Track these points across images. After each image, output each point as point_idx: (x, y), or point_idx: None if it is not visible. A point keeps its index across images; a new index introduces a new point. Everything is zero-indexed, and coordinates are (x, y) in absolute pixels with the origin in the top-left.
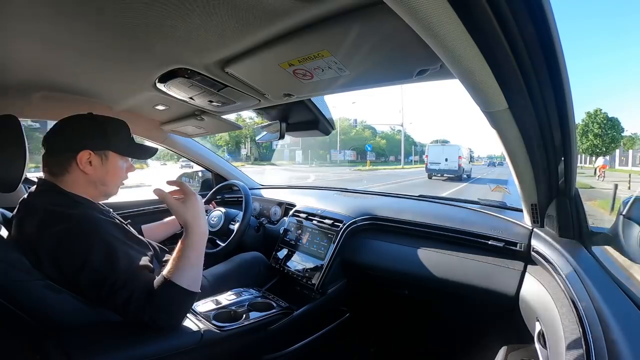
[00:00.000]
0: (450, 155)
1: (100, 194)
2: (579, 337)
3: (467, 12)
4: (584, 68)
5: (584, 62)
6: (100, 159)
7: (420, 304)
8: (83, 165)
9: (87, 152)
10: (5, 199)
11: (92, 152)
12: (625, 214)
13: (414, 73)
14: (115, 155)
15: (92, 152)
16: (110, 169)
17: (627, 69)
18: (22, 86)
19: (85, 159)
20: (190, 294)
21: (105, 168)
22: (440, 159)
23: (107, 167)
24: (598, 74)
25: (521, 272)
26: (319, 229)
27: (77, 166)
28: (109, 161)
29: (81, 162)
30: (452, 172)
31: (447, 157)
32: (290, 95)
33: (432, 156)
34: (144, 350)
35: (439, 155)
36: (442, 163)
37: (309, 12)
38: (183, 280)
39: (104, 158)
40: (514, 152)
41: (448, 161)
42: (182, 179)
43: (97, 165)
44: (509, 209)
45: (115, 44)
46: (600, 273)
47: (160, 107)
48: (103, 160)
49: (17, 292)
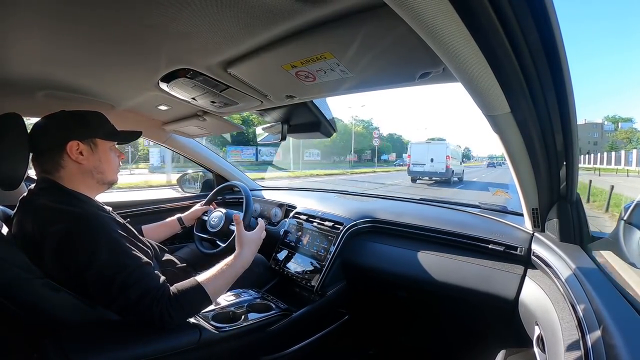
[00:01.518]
0: (437, 155)
1: (99, 184)
2: (577, 342)
3: (470, 16)
4: (586, 70)
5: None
6: (89, 147)
7: (420, 306)
8: (75, 156)
9: (75, 142)
10: (7, 196)
11: (79, 142)
12: (626, 219)
13: (417, 76)
14: (102, 141)
15: (79, 142)
16: (102, 156)
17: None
18: (25, 84)
19: (75, 149)
20: (208, 302)
21: (97, 155)
22: (424, 159)
23: (98, 154)
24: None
25: (521, 276)
26: (319, 231)
27: (69, 158)
28: (98, 148)
29: (72, 153)
30: (439, 175)
31: (433, 157)
32: (293, 97)
33: (415, 156)
34: (143, 350)
35: (423, 155)
36: (427, 164)
37: (312, 14)
38: (210, 288)
39: (93, 146)
40: (516, 156)
41: (434, 162)
42: (182, 179)
43: (88, 154)
44: (509, 213)
45: (120, 44)
46: (601, 278)
47: (163, 107)
48: (92, 148)
49: (16, 290)
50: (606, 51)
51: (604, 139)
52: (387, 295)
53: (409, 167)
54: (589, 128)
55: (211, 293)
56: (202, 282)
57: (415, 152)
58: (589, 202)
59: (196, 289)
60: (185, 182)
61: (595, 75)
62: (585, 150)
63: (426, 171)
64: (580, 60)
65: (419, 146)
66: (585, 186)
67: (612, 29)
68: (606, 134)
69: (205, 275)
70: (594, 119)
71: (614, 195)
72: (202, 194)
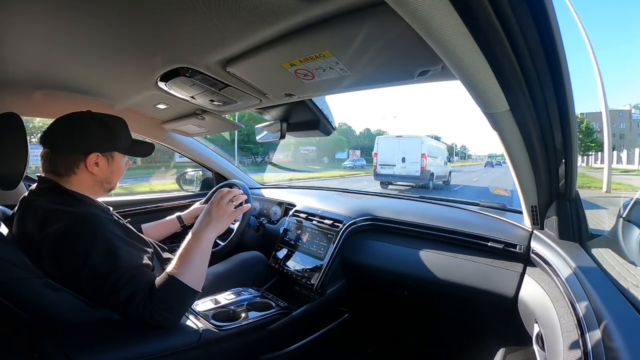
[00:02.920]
0: (410, 153)
1: (104, 191)
2: (577, 340)
3: (469, 14)
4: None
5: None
6: (106, 160)
7: (419, 304)
8: (91, 167)
9: (96, 154)
10: (6, 196)
11: (100, 154)
12: (625, 217)
13: (416, 74)
14: (119, 155)
15: (100, 154)
16: (115, 168)
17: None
18: (23, 84)
19: (93, 161)
20: (191, 291)
21: (111, 168)
22: (394, 158)
23: (113, 166)
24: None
25: (520, 273)
26: (319, 229)
27: (85, 168)
28: (114, 161)
29: (90, 165)
30: (412, 179)
31: (405, 156)
32: (292, 95)
33: (383, 154)
34: (143, 349)
35: (392, 153)
36: (398, 165)
37: (311, 12)
38: (185, 277)
39: (110, 159)
40: (515, 153)
41: (406, 162)
42: (182, 178)
43: (104, 166)
44: (509, 210)
45: (118, 43)
46: (600, 275)
47: (162, 106)
48: (109, 160)
49: (16, 290)
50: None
51: (633, 131)
52: (386, 293)
53: (375, 169)
54: (612, 117)
55: (189, 281)
56: (172, 274)
57: (383, 149)
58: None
59: (170, 281)
60: (184, 181)
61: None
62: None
63: (396, 174)
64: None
65: (388, 142)
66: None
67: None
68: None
69: (171, 265)
70: (618, 107)
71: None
72: (201, 193)
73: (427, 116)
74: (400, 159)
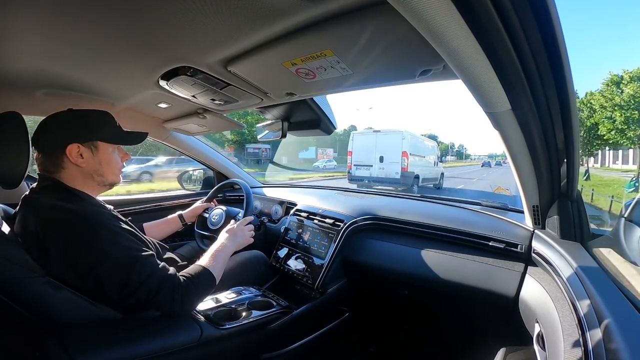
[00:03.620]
0: (389, 151)
1: (100, 185)
2: (577, 340)
3: (471, 13)
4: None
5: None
6: (89, 150)
7: (420, 304)
8: (74, 159)
9: (75, 145)
10: (8, 195)
11: (80, 145)
12: (627, 217)
13: (417, 73)
14: (104, 144)
15: (79, 144)
16: (102, 158)
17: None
18: (25, 83)
19: (75, 152)
20: (214, 283)
21: (98, 158)
22: (370, 157)
23: (99, 157)
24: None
25: (521, 273)
26: (320, 228)
27: (69, 160)
28: (99, 151)
29: (72, 156)
30: (391, 182)
31: (384, 155)
32: (293, 94)
33: (358, 153)
34: (145, 348)
35: (369, 152)
36: (375, 165)
37: (312, 12)
38: (215, 271)
39: (94, 149)
40: (516, 153)
41: (384, 162)
42: (183, 177)
43: (88, 157)
44: (510, 210)
45: (119, 42)
46: (601, 275)
47: (163, 105)
48: (93, 151)
49: (18, 289)
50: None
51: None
52: (387, 292)
53: (349, 170)
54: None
55: (216, 275)
56: (206, 266)
57: (359, 147)
58: None
59: (205, 271)
60: (186, 180)
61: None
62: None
63: (372, 177)
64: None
65: (364, 138)
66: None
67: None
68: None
69: (204, 260)
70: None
71: None
72: (202, 191)
73: (423, 115)
74: (377, 158)
